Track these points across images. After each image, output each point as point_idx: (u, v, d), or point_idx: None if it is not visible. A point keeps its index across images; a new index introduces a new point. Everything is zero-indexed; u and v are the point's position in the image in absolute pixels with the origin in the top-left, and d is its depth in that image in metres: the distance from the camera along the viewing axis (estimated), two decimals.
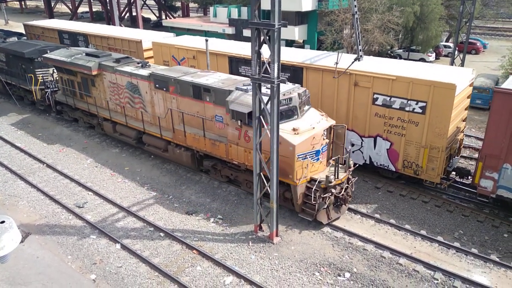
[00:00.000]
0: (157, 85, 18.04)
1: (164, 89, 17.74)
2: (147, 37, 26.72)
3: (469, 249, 13.45)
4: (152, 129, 19.06)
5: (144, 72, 18.72)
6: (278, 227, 14.23)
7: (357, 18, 17.45)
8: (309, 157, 14.06)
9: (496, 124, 13.95)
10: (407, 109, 15.64)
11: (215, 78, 16.74)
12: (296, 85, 14.96)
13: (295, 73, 18.87)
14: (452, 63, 31.22)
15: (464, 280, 12.12)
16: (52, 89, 24.77)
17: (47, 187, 18.02)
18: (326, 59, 18.55)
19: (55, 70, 24.69)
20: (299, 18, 38.66)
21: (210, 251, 13.71)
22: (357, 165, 15.94)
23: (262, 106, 12.48)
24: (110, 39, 28.69)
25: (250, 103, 13.40)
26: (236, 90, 14.95)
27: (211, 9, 47.80)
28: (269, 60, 11.55)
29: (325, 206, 14.20)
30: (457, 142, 16.92)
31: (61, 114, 25.50)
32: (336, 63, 16.56)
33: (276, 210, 13.60)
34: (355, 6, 17.37)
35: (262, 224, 14.55)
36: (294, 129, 13.85)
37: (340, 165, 14.45)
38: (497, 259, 12.94)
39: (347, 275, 12.55)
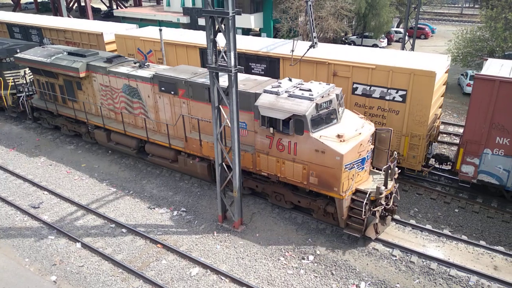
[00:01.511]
0: (162, 88, 16.10)
1: (172, 92, 15.89)
2: (108, 29, 25.38)
3: (424, 225, 14.17)
4: (157, 138, 17.17)
5: (146, 73, 16.73)
6: (243, 216, 14.35)
7: (310, 5, 17.65)
8: (356, 166, 12.72)
9: (476, 110, 14.07)
10: (387, 98, 15.46)
11: None
12: (331, 84, 13.71)
13: (271, 64, 18.48)
14: (403, 48, 32.39)
15: (420, 255, 12.78)
16: (26, 93, 22.26)
17: None
18: (301, 48, 17.85)
19: (26, 72, 22.67)
20: (254, 5, 38.54)
21: (175, 244, 13.63)
22: (400, 171, 14.85)
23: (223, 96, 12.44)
24: (67, 32, 26.96)
25: (285, 108, 12.58)
26: (265, 93, 13.36)
27: None
28: (225, 49, 11.50)
29: (376, 221, 13.08)
30: (435, 129, 16.93)
31: (38, 121, 22.81)
32: (292, 50, 16.71)
33: (240, 199, 13.69)
34: None
35: (226, 214, 14.61)
36: (338, 136, 12.43)
37: (380, 171, 13.64)
38: (449, 233, 13.72)
39: (311, 257, 12.90)
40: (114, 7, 63.60)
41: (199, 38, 21.45)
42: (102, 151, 20.08)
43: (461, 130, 22.31)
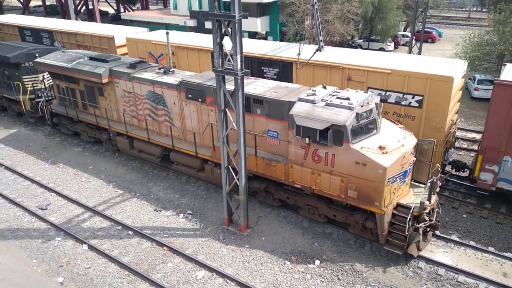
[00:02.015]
0: (189, 95, 15.57)
1: (200, 100, 15.38)
2: (120, 33, 25.39)
3: None
4: (182, 146, 16.65)
5: (171, 79, 16.20)
6: (249, 219, 14.34)
7: (317, 8, 17.59)
8: (398, 179, 12.09)
9: (496, 116, 13.71)
10: (403, 103, 15.12)
11: (263, 87, 14.57)
12: (369, 93, 13.20)
13: (283, 69, 18.21)
14: (410, 52, 32.29)
15: (428, 260, 12.65)
16: (45, 99, 21.91)
17: (6, 190, 17.27)
18: (312, 52, 17.52)
19: (45, 76, 22.37)
20: (260, 9, 38.69)
21: (181, 246, 13.64)
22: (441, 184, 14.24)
23: (228, 99, 12.46)
24: (78, 36, 27.01)
25: (323, 118, 12.00)
26: (300, 101, 12.80)
27: (172, 1, 46.92)
28: (232, 52, 11.54)
29: (420, 238, 12.32)
30: (451, 135, 16.46)
31: (57, 127, 22.26)
32: (298, 54, 16.70)
33: (246, 203, 13.69)
34: None
35: (232, 217, 14.61)
36: (381, 148, 11.78)
37: (420, 184, 13.13)
38: (457, 239, 13.60)
39: (317, 262, 12.85)
40: (122, 10, 64.07)
41: (211, 42, 21.24)
42: (109, 153, 20.19)
43: (470, 135, 22.18)
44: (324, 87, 13.49)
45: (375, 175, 11.67)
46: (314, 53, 16.71)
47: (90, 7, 59.10)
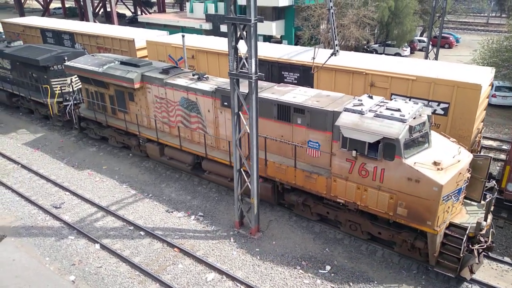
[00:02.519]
0: (225, 103, 15.06)
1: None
2: (140, 36, 25.59)
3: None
4: (215, 155, 16.09)
5: (206, 86, 15.74)
6: (259, 222, 14.30)
7: (332, 13, 17.51)
8: (453, 197, 11.35)
9: None
10: None
11: (303, 95, 13.98)
12: (419, 104, 12.41)
13: (304, 74, 17.86)
14: (426, 57, 31.90)
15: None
16: (73, 102, 21.79)
17: (22, 188, 17.58)
18: (336, 57, 17.06)
19: (73, 80, 22.32)
20: (276, 13, 38.73)
21: (192, 248, 13.68)
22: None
23: (242, 102, 12.49)
24: (99, 38, 27.32)
25: (374, 130, 11.31)
26: (346, 111, 12.13)
27: (188, 4, 47.35)
28: (246, 55, 11.56)
29: (476, 261, 11.42)
30: (476, 144, 15.86)
31: (84, 131, 22.06)
32: (313, 58, 16.63)
33: (257, 206, 13.66)
34: (331, 1, 17.49)
35: (243, 220, 14.60)
36: (435, 163, 11.04)
37: (472, 202, 12.40)
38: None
39: (328, 268, 12.74)
40: (139, 12, 64.88)
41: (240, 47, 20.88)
42: (123, 154, 20.40)
43: (493, 143, 21.71)
44: (371, 97, 12.84)
45: (429, 193, 10.90)
46: (329, 57, 16.63)
47: (108, 9, 60.04)
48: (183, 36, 20.91)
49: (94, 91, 20.01)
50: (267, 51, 20.12)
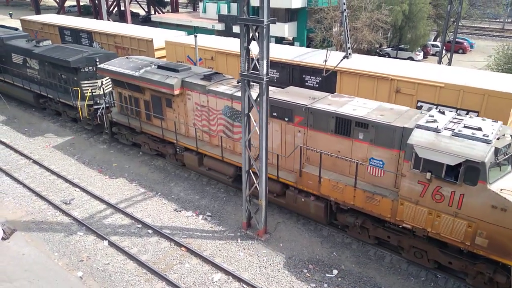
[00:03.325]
0: (274, 114, 14.03)
1: (286, 119, 13.84)
2: (158, 36, 25.50)
3: None
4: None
5: (253, 95, 13.68)
6: (267, 224, 14.27)
7: (346, 15, 17.47)
8: None
9: None
10: None
11: (364, 107, 12.88)
12: (498, 122, 11.23)
13: (327, 78, 17.45)
14: (439, 62, 31.62)
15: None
16: (105, 106, 21.00)
17: (33, 183, 17.78)
18: (359, 62, 16.92)
19: (103, 82, 21.52)
20: (288, 15, 38.71)
21: (199, 248, 13.69)
22: None
23: (252, 104, 12.48)
24: (117, 37, 27.35)
25: (455, 151, 10.24)
26: (419, 129, 11.04)
27: (201, 4, 47.56)
28: (258, 57, 11.56)
29: None
30: None
31: (115, 136, 21.20)
32: (325, 60, 16.58)
33: (265, 207, 13.63)
34: (344, 3, 17.42)
35: (251, 221, 14.58)
36: None
37: None
38: None
39: (335, 272, 12.66)
40: (152, 12, 65.35)
41: (252, 48, 20.16)
42: (133, 152, 20.52)
43: None
44: (442, 112, 11.80)
45: None
46: (341, 60, 16.60)
47: (122, 8, 60.54)
48: (195, 36, 21.04)
49: (128, 95, 19.14)
50: (287, 54, 19.80)
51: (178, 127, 17.61)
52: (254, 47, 11.93)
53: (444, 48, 33.65)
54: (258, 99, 12.21)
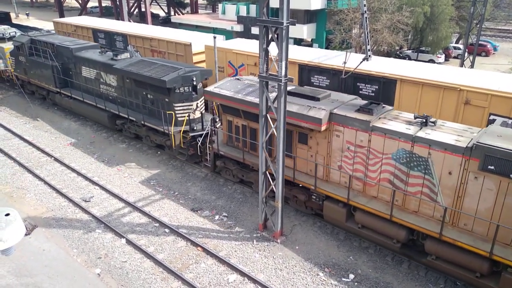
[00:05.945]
0: (489, 167, 10.50)
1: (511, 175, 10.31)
2: (197, 40, 24.43)
3: None
4: (453, 235, 11.37)
5: (446, 137, 11.39)
6: (283, 226, 14.22)
7: (366, 17, 17.25)
8: None
9: None
10: None
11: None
12: None
13: (384, 86, 16.22)
14: (461, 65, 31.00)
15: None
16: (203, 133, 18.02)
17: (54, 181, 18.15)
18: (422, 69, 15.40)
19: (198, 105, 18.70)
20: (308, 16, 38.57)
21: (215, 248, 13.74)
22: None
23: (269, 104, 12.46)
24: (153, 41, 26.33)
25: None
26: None
27: (220, 6, 47.81)
28: (277, 58, 11.54)
29: None
30: None
31: (216, 171, 18.14)
32: (345, 62, 16.43)
33: (281, 209, 13.59)
34: (365, 5, 17.23)
35: (267, 223, 14.55)
36: None
37: None
38: None
39: (351, 276, 12.52)
40: (172, 13, 65.99)
41: (297, 53, 18.68)
42: (152, 152, 20.74)
43: None
44: None
45: None
46: (361, 62, 16.41)
47: (143, 9, 61.32)
48: (214, 37, 21.03)
49: (241, 125, 16.04)
50: (338, 60, 17.95)
51: (311, 167, 14.41)
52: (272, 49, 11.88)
53: (467, 50, 33.00)
54: (275, 102, 12.16)
